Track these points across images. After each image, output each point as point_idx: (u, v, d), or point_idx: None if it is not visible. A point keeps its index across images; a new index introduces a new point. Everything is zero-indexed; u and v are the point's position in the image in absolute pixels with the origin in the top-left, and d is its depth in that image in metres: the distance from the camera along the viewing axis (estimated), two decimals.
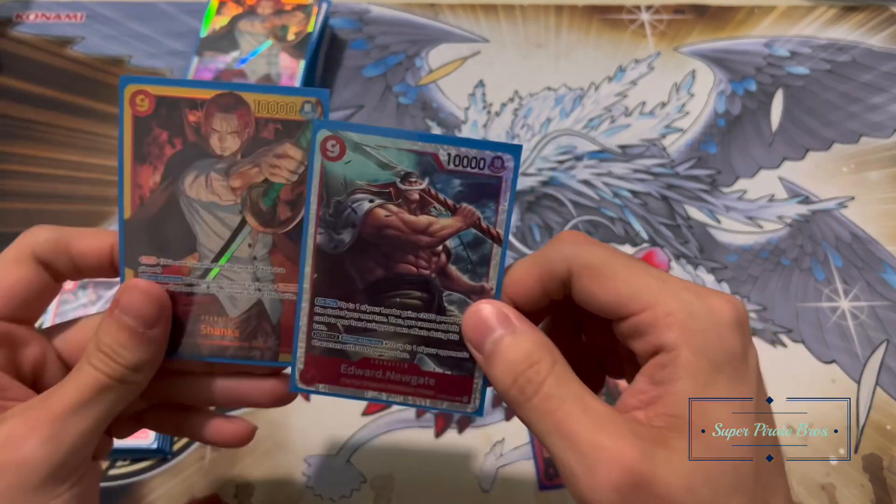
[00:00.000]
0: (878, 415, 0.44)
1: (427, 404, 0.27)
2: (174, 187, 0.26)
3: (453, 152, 0.24)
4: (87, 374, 0.24)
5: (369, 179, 0.25)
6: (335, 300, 0.26)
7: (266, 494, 0.40)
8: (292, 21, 0.52)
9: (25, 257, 0.25)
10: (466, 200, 0.25)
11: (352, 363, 0.26)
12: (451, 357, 0.26)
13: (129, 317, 0.24)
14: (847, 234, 0.50)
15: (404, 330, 0.26)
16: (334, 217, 0.25)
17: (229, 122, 0.25)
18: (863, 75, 0.57)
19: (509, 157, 0.24)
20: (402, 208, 0.25)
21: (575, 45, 0.59)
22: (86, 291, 0.44)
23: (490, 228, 0.25)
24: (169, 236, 0.26)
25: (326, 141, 0.24)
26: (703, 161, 0.53)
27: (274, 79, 0.49)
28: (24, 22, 0.58)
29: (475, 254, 0.25)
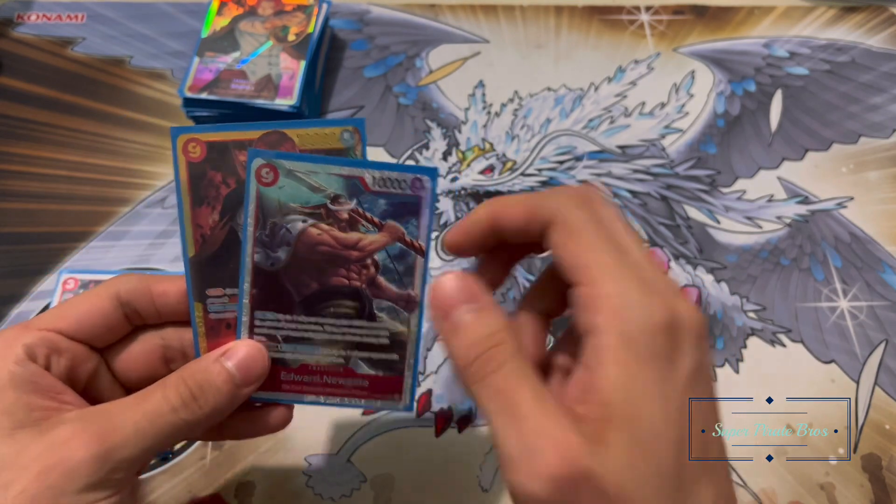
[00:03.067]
0: (878, 414, 0.44)
1: (362, 403, 0.29)
2: (232, 223, 0.28)
3: (377, 175, 0.27)
4: (157, 406, 0.25)
5: (302, 202, 0.27)
6: (273, 313, 0.28)
7: (266, 494, 0.40)
8: (293, 21, 0.52)
9: (108, 294, 0.28)
10: (391, 218, 0.27)
11: (291, 370, 0.29)
12: (382, 359, 0.29)
13: (237, 369, 0.27)
14: (846, 234, 0.51)
15: (339, 337, 0.28)
16: (270, 237, 0.27)
17: None
18: (862, 76, 0.57)
19: (427, 179, 0.27)
20: (333, 227, 0.27)
21: (575, 45, 0.59)
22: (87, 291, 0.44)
23: (413, 242, 0.28)
24: (232, 268, 0.28)
25: (261, 168, 0.27)
26: (703, 161, 0.53)
27: (275, 79, 0.49)
28: (25, 22, 0.58)
29: (401, 265, 0.28)
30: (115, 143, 0.52)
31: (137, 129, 0.53)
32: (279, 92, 0.49)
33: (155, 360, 0.29)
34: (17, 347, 0.25)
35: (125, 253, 0.48)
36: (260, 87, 0.49)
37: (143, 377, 0.29)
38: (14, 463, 0.23)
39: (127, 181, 0.51)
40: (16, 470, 0.23)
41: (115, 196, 0.50)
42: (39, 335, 0.26)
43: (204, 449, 0.42)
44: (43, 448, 0.24)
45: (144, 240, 0.49)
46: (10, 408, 0.24)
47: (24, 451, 0.24)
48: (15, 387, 0.25)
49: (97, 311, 0.27)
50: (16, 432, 0.24)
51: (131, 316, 0.28)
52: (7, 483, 0.23)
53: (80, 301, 0.28)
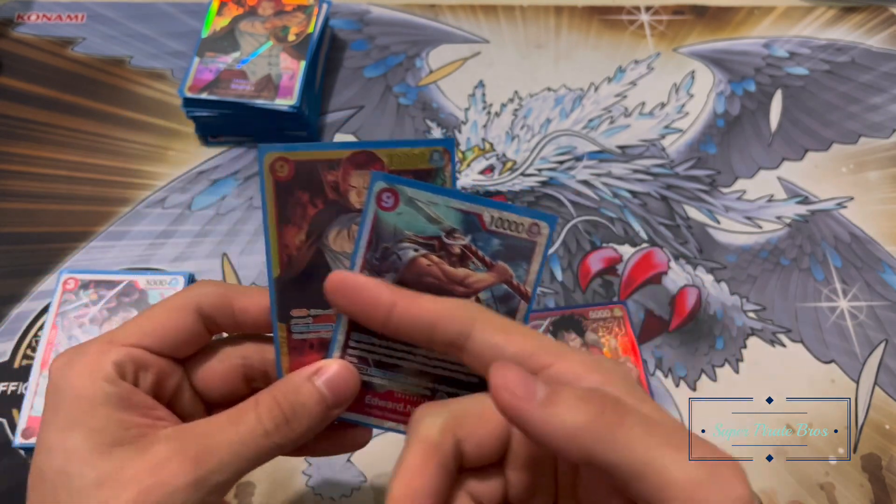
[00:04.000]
0: (877, 414, 0.44)
1: None
2: (319, 243, 0.28)
3: (496, 215, 0.26)
4: (251, 429, 0.25)
5: (417, 231, 0.27)
6: (369, 336, 0.27)
7: (266, 493, 0.40)
8: (293, 21, 0.52)
9: (190, 307, 0.27)
10: (502, 259, 0.27)
11: (376, 394, 0.28)
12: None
13: (328, 389, 0.26)
14: (846, 234, 0.51)
15: (429, 369, 0.28)
16: (380, 261, 0.27)
17: (365, 177, 0.27)
18: (862, 76, 0.58)
19: (545, 225, 0.26)
20: (444, 260, 0.27)
21: (575, 45, 0.59)
22: (87, 291, 0.44)
23: (520, 286, 0.27)
24: (317, 289, 0.27)
25: (382, 192, 0.26)
26: (703, 161, 0.53)
27: (275, 79, 0.49)
28: (25, 22, 0.58)
29: (503, 307, 0.27)
30: (115, 143, 0.52)
31: (137, 129, 0.53)
32: (279, 92, 0.49)
33: (236, 378, 0.29)
34: (106, 365, 0.25)
35: (125, 253, 0.48)
36: (260, 87, 0.49)
37: (224, 393, 0.29)
38: (113, 480, 0.23)
39: (127, 181, 0.51)
40: (115, 488, 0.23)
41: (115, 196, 0.50)
42: (126, 351, 0.26)
43: None
44: (141, 467, 0.24)
45: (144, 240, 0.49)
46: (106, 425, 0.24)
47: (123, 470, 0.24)
48: (108, 405, 0.25)
49: (180, 324, 0.27)
50: (113, 449, 0.24)
51: (211, 327, 0.28)
52: (107, 500, 0.23)
53: (162, 314, 0.27)
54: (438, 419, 0.23)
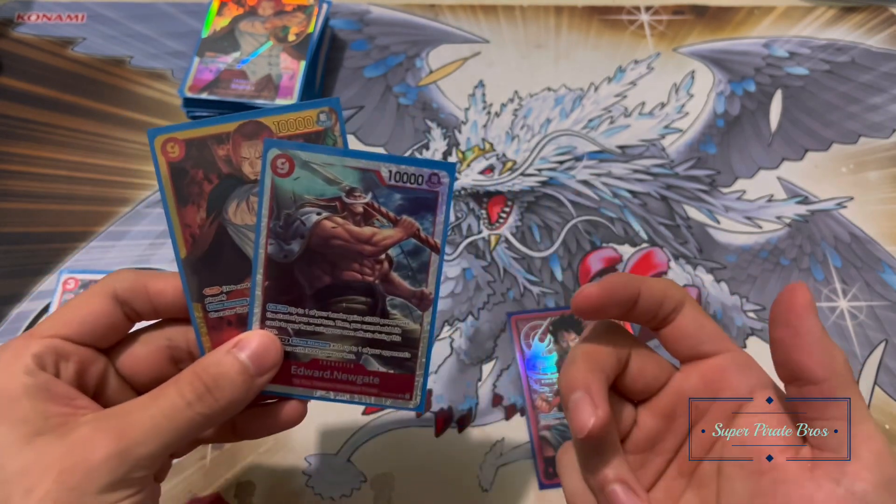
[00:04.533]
0: (877, 414, 0.44)
1: (372, 401, 0.29)
2: (220, 219, 0.28)
3: (394, 169, 0.26)
4: (172, 401, 0.25)
5: (317, 194, 0.27)
6: (286, 305, 0.27)
7: (266, 493, 0.41)
8: (293, 21, 0.52)
9: (106, 293, 0.28)
10: (406, 213, 0.27)
11: (301, 364, 0.28)
12: (393, 357, 0.28)
13: (250, 359, 0.26)
14: (846, 234, 0.51)
15: (350, 332, 0.28)
16: (284, 228, 0.27)
17: (256, 147, 0.27)
18: (862, 76, 0.58)
19: (445, 174, 0.27)
20: (348, 220, 0.27)
21: (575, 45, 0.59)
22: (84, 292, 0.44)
23: (428, 238, 0.27)
24: (225, 265, 0.28)
25: (276, 159, 0.26)
26: (703, 161, 0.53)
27: (275, 79, 0.49)
28: (26, 22, 0.58)
29: (415, 261, 0.27)
30: (115, 143, 0.52)
31: (137, 129, 0.53)
32: (279, 92, 0.49)
33: (162, 361, 0.29)
34: (25, 357, 0.25)
35: (125, 253, 0.48)
36: (260, 87, 0.49)
37: (152, 378, 0.29)
38: (35, 468, 0.23)
39: (127, 181, 0.51)
40: (37, 474, 0.23)
41: (115, 196, 0.50)
42: (45, 343, 0.26)
43: (204, 449, 0.42)
44: (62, 451, 0.24)
45: (144, 240, 0.49)
46: (27, 416, 0.24)
47: (44, 456, 0.24)
48: (29, 396, 0.25)
49: (97, 312, 0.27)
50: (34, 439, 0.24)
51: (130, 314, 0.28)
52: (29, 488, 0.23)
53: (79, 303, 0.28)
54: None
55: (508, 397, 0.44)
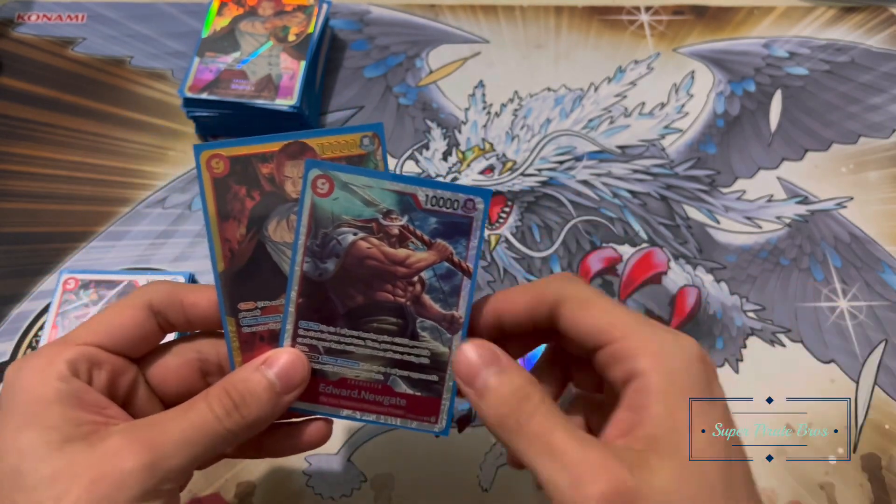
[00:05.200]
0: (877, 414, 0.44)
1: (398, 423, 0.29)
2: (259, 235, 0.28)
3: (430, 194, 0.27)
4: (201, 416, 0.26)
5: (354, 215, 0.27)
6: (317, 323, 0.28)
7: (266, 493, 0.41)
8: (293, 21, 0.52)
9: (141, 303, 0.28)
10: (441, 237, 0.27)
11: (329, 382, 0.28)
12: (421, 379, 0.28)
13: (277, 377, 0.27)
14: (846, 234, 0.51)
15: (380, 353, 0.28)
16: (321, 247, 0.27)
17: (299, 167, 0.28)
18: (862, 76, 0.58)
19: (479, 200, 0.27)
20: (383, 242, 0.27)
21: (575, 45, 0.59)
22: (87, 291, 0.44)
23: (461, 262, 0.27)
24: (262, 280, 0.28)
25: (317, 179, 0.27)
26: (703, 161, 0.53)
27: (275, 79, 0.49)
28: (26, 23, 0.58)
29: (447, 285, 0.28)
30: (115, 143, 0.52)
31: (137, 129, 0.53)
32: (279, 92, 0.49)
33: (192, 374, 0.29)
34: (59, 364, 0.25)
35: (125, 253, 0.48)
36: (260, 87, 0.49)
37: (181, 391, 0.29)
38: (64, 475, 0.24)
39: (127, 181, 0.51)
40: (67, 482, 0.23)
41: (116, 196, 0.50)
42: (79, 350, 0.26)
43: None
44: (93, 459, 0.24)
45: (145, 240, 0.49)
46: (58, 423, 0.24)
47: (75, 464, 0.24)
48: (61, 403, 0.25)
49: (132, 321, 0.28)
50: (65, 446, 0.24)
51: (163, 325, 0.29)
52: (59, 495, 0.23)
53: (114, 313, 0.28)
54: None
55: None
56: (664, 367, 0.24)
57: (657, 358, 0.24)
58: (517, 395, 0.25)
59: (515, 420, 0.25)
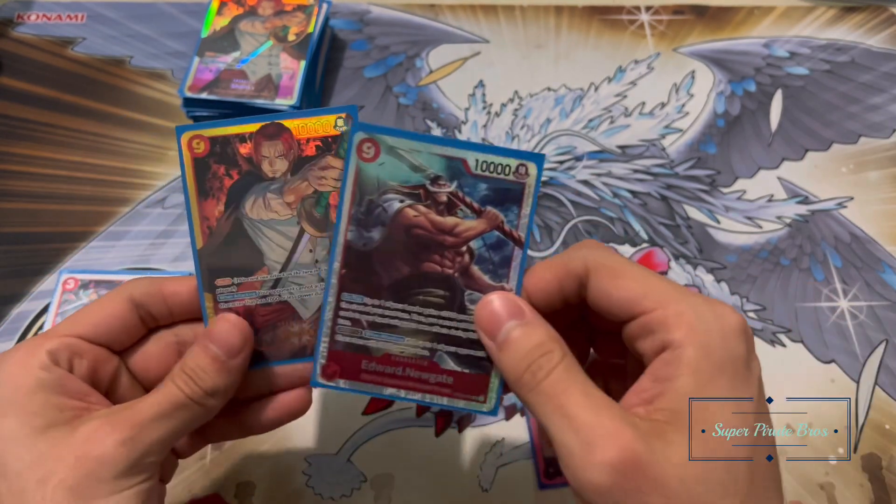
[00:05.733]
0: (878, 414, 0.44)
1: (444, 402, 0.27)
2: (237, 213, 0.29)
3: (481, 158, 0.26)
4: (169, 392, 0.27)
5: (401, 181, 0.26)
6: (361, 296, 0.27)
7: (266, 493, 0.40)
8: (293, 21, 0.52)
9: (122, 297, 0.29)
10: (491, 204, 0.26)
11: (373, 359, 0.27)
12: (469, 355, 0.27)
13: (216, 346, 0.27)
14: (846, 234, 0.51)
15: (426, 327, 0.27)
16: (365, 215, 0.26)
17: (276, 147, 0.28)
18: (862, 76, 0.58)
19: (533, 165, 0.26)
20: (431, 209, 0.26)
21: (575, 45, 0.59)
22: (87, 291, 0.44)
23: (512, 231, 0.26)
24: (239, 257, 0.29)
25: (363, 143, 0.26)
26: (703, 161, 0.53)
27: (275, 79, 0.49)
28: (25, 22, 0.58)
29: (497, 255, 0.26)
30: (115, 143, 0.52)
31: (137, 129, 0.53)
32: (279, 92, 0.49)
33: (172, 357, 0.30)
34: (40, 353, 0.26)
35: (125, 253, 0.48)
36: (260, 87, 0.49)
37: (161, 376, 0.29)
38: (48, 458, 0.24)
39: (127, 181, 0.51)
40: (51, 463, 0.24)
41: (115, 196, 0.50)
42: (60, 340, 0.27)
43: (204, 449, 0.42)
44: (76, 441, 0.25)
45: (144, 240, 0.49)
46: (41, 409, 0.25)
47: (58, 446, 0.25)
48: (43, 390, 0.25)
49: (114, 314, 0.28)
50: (48, 430, 0.25)
51: (146, 318, 0.29)
52: (45, 477, 0.24)
53: (96, 306, 0.28)
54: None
55: (508, 397, 0.44)
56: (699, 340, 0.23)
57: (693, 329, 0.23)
58: (538, 351, 0.24)
59: (532, 375, 0.24)
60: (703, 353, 0.23)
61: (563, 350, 0.25)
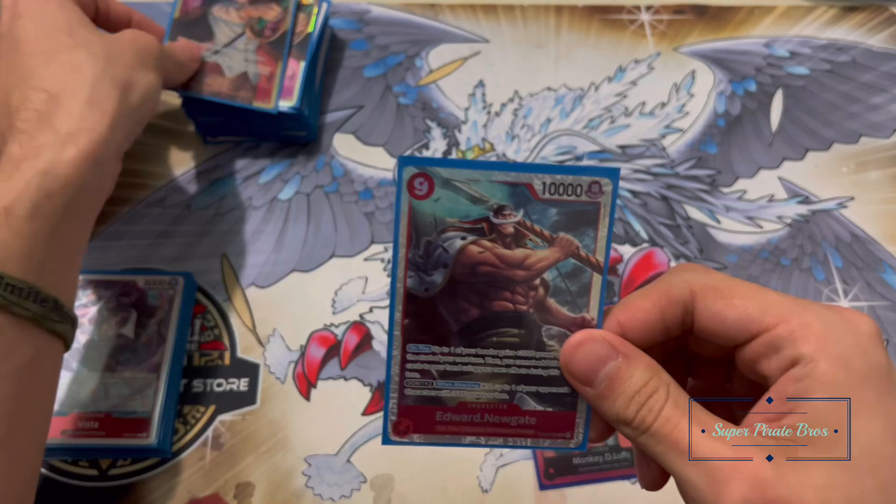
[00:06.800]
0: None
1: (528, 444, 0.26)
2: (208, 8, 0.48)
3: (548, 181, 0.24)
4: None
5: (460, 216, 0.24)
6: (428, 345, 0.25)
7: (266, 494, 0.40)
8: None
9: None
10: (564, 230, 0.24)
11: (448, 409, 0.26)
12: (552, 393, 0.25)
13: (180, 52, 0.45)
14: (847, 234, 0.50)
15: (502, 370, 0.25)
16: (424, 258, 0.24)
17: None
18: (862, 75, 0.57)
19: (607, 182, 0.24)
20: (497, 243, 0.24)
21: (575, 45, 0.59)
22: (86, 291, 0.44)
23: (590, 257, 0.24)
24: (199, 30, 0.48)
25: (414, 179, 0.23)
26: (703, 161, 0.53)
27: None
28: None
29: (574, 284, 0.25)
30: None
31: None
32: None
33: None
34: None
35: (125, 253, 0.48)
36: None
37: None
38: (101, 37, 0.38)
39: (127, 181, 0.51)
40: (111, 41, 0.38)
41: (115, 196, 0.50)
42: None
43: (204, 449, 0.42)
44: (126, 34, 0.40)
45: (144, 240, 0.49)
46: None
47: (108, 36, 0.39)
48: None
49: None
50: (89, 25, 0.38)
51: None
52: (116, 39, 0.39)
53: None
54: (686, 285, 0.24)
55: None
56: (833, 352, 0.21)
57: (823, 340, 0.21)
58: (644, 393, 0.23)
59: (642, 420, 0.22)
60: (840, 365, 0.21)
61: (667, 383, 0.23)
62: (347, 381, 0.44)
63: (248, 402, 0.43)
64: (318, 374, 0.44)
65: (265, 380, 0.44)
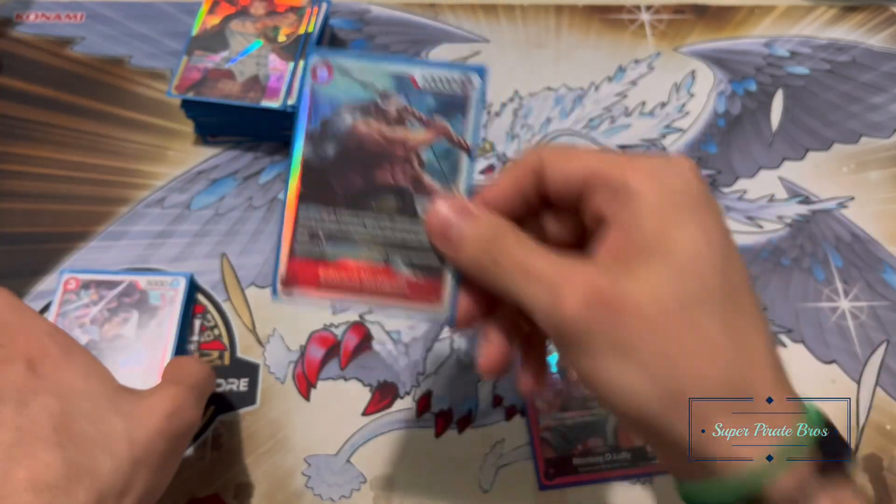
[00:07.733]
0: (878, 415, 0.44)
1: (401, 309, 0.29)
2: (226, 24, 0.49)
3: (427, 73, 0.28)
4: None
5: (353, 98, 0.28)
6: (317, 208, 0.29)
7: (266, 494, 0.40)
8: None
9: None
10: (438, 115, 0.28)
11: (330, 266, 0.29)
12: (423, 264, 0.29)
13: None
14: (847, 234, 0.50)
15: (379, 234, 0.29)
16: (321, 133, 0.28)
17: None
18: (863, 75, 0.57)
19: (476, 76, 0.28)
20: (381, 123, 0.28)
21: (575, 45, 0.59)
22: (88, 291, 0.44)
23: (460, 139, 0.28)
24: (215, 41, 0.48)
25: (317, 67, 0.28)
26: (703, 161, 0.53)
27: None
28: (24, 22, 0.58)
29: (446, 163, 0.28)
30: (114, 143, 0.52)
31: (137, 129, 0.53)
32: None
33: None
34: None
35: (125, 253, 0.48)
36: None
37: None
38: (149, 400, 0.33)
39: (127, 181, 0.51)
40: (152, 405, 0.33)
41: (115, 196, 0.50)
42: None
43: (204, 449, 0.42)
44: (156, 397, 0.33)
45: (144, 240, 0.49)
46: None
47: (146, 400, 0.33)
48: None
49: None
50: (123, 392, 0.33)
51: None
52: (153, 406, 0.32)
53: None
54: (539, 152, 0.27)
55: (508, 398, 0.44)
56: (658, 184, 0.24)
57: (650, 176, 0.24)
58: (491, 233, 0.26)
59: (492, 258, 0.25)
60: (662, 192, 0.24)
61: (514, 229, 0.26)
62: (347, 382, 0.44)
63: (248, 402, 0.43)
64: (318, 375, 0.44)
65: (265, 380, 0.44)
